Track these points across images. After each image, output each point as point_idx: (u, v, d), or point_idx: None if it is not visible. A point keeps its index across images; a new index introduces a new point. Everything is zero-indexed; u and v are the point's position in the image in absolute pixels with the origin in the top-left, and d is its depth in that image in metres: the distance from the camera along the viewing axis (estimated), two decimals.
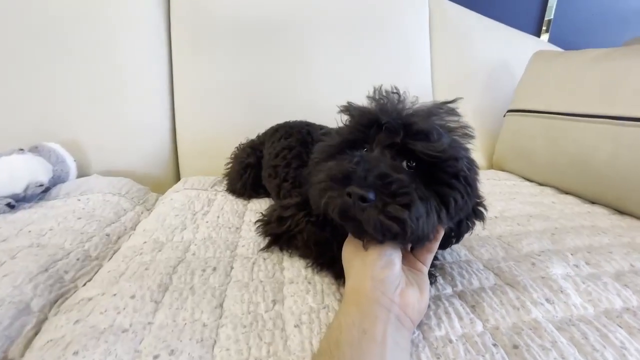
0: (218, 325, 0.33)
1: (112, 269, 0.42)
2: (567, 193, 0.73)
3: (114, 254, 0.51)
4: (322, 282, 0.39)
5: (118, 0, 0.81)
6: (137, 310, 0.34)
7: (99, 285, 0.39)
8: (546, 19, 1.30)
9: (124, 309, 0.34)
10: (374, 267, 0.31)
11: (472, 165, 0.34)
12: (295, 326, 0.32)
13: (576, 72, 0.72)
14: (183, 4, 0.87)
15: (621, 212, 0.62)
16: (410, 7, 1.01)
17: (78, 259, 0.46)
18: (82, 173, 0.76)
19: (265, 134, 0.69)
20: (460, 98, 0.35)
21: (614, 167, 0.60)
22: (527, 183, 0.80)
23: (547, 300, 0.36)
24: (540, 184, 0.79)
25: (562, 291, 0.37)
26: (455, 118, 0.35)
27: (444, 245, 0.39)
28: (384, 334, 0.27)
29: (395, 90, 0.36)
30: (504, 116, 0.91)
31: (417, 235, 0.30)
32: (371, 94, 0.37)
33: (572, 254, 0.45)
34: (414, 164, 0.32)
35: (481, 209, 0.37)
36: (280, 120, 0.73)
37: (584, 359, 0.29)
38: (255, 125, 0.84)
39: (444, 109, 0.35)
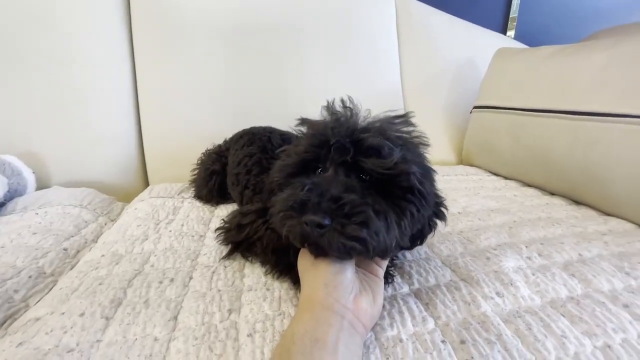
0: (170, 338, 0.32)
1: (65, 285, 0.41)
2: (529, 186, 0.75)
3: (71, 269, 0.49)
4: (281, 288, 0.39)
5: (74, 2, 0.78)
6: (85, 328, 0.33)
7: (48, 304, 0.38)
8: (511, 15, 1.34)
9: (72, 327, 0.33)
10: (326, 274, 0.31)
11: (425, 177, 0.34)
12: (248, 335, 0.32)
13: (533, 69, 0.75)
14: (144, 6, 0.84)
15: (578, 202, 0.65)
16: (376, 7, 1.02)
17: (30, 277, 0.44)
18: (42, 186, 0.73)
19: (232, 139, 0.68)
20: (412, 112, 0.36)
21: (571, 159, 0.63)
22: (493, 177, 0.83)
23: (498, 293, 0.37)
24: (506, 178, 0.81)
25: (512, 284, 0.38)
26: (411, 128, 0.35)
27: (410, 247, 0.40)
28: (336, 341, 0.27)
29: (348, 104, 0.36)
30: (471, 112, 0.94)
31: (379, 249, 0.31)
32: (326, 105, 0.37)
33: (526, 247, 0.47)
34: (368, 177, 0.33)
35: (442, 209, 0.38)
36: (250, 124, 0.72)
37: (526, 350, 0.30)
38: (225, 129, 0.83)
39: (397, 120, 0.35)
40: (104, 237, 0.55)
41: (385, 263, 0.37)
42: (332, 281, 0.31)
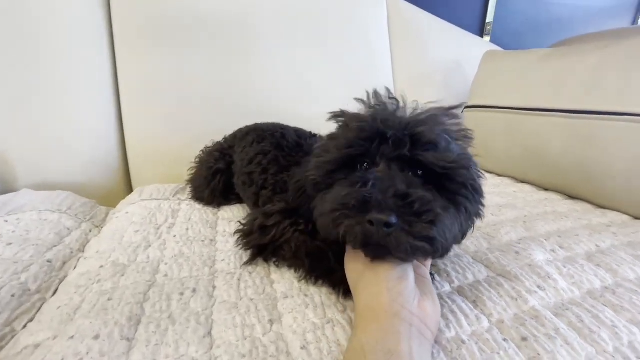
0: (211, 358, 0.28)
1: (62, 303, 0.35)
2: (523, 182, 0.78)
3: (60, 283, 0.42)
4: (320, 293, 0.36)
5: None
6: (104, 353, 0.28)
7: (47, 327, 0.32)
8: (487, 21, 1.41)
9: (87, 353, 0.28)
10: (389, 279, 0.29)
11: (479, 171, 0.34)
12: (302, 348, 0.29)
13: (526, 70, 0.78)
14: None
15: (572, 197, 0.68)
16: (369, 7, 1.02)
17: (13, 296, 0.37)
18: (6, 189, 0.64)
19: (235, 136, 0.63)
20: (465, 103, 0.35)
21: (567, 156, 0.66)
22: (487, 174, 0.85)
23: (539, 287, 0.37)
24: (499, 175, 0.84)
25: (549, 277, 0.39)
26: (456, 121, 0.34)
27: None
28: (410, 351, 0.25)
29: (391, 96, 0.34)
30: (462, 112, 0.96)
31: (445, 248, 0.29)
32: (365, 98, 0.35)
33: (545, 240, 0.48)
34: (420, 173, 0.31)
35: (480, 206, 0.38)
36: (239, 120, 0.68)
37: (585, 342, 0.30)
38: (214, 126, 0.78)
39: (446, 113, 0.34)
40: (96, 246, 0.48)
41: (429, 262, 0.36)
42: (396, 286, 0.28)
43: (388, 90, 0.35)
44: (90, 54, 0.74)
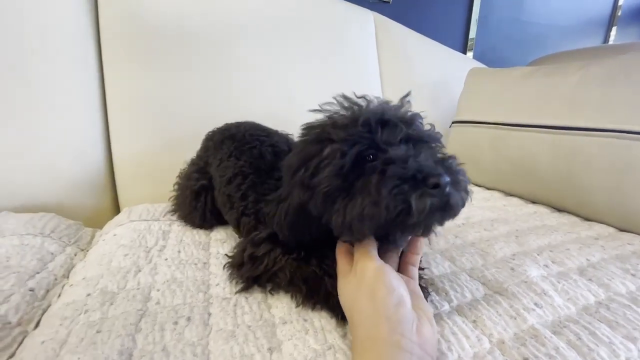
0: None
1: (47, 337, 0.33)
2: (511, 195, 0.80)
3: (43, 314, 0.40)
4: (319, 317, 0.35)
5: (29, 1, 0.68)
6: None
7: None
8: (470, 37, 1.46)
9: None
10: (387, 306, 0.28)
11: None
12: None
13: (510, 87, 0.81)
14: (113, 9, 0.76)
15: (559, 210, 0.70)
16: (359, 27, 1.04)
17: None
18: None
19: (207, 149, 0.61)
20: (408, 95, 0.39)
21: (552, 170, 0.68)
22: (477, 188, 0.87)
23: (536, 304, 0.37)
24: (488, 189, 0.86)
25: (545, 293, 0.39)
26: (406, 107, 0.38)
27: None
28: None
29: (361, 95, 0.37)
30: (450, 127, 0.98)
31: None
32: (338, 100, 0.37)
33: (538, 255, 0.49)
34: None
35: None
36: None
37: None
38: None
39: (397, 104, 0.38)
40: (83, 272, 0.46)
41: (416, 273, 0.37)
42: (394, 314, 0.28)
43: (354, 93, 0.38)
44: (77, 70, 0.73)
